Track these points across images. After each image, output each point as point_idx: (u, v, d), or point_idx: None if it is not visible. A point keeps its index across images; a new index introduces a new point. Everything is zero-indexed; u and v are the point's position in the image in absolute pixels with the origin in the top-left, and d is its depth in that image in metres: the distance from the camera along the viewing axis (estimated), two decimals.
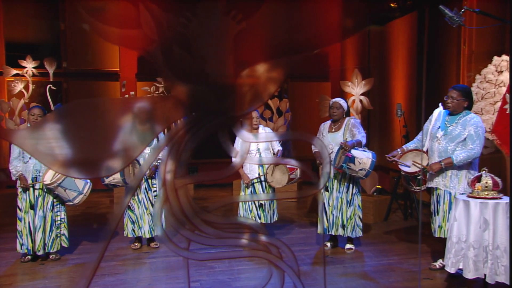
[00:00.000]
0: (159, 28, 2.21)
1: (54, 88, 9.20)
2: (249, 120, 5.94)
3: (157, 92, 9.12)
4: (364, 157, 5.26)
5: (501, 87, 5.85)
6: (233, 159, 4.37)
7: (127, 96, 9.40)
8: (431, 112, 5.18)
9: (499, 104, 5.82)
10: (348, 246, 5.82)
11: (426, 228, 6.92)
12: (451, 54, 7.75)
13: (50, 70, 9.21)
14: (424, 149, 5.06)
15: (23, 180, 5.29)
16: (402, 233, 6.76)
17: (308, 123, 10.30)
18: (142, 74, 9.96)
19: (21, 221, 5.37)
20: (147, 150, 5.90)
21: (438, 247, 5.44)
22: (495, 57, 5.97)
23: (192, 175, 5.50)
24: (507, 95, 4.22)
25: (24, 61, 9.12)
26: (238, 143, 5.56)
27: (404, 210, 7.55)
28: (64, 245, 5.59)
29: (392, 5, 9.34)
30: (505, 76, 5.85)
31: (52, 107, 8.97)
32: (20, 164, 5.33)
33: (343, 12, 2.34)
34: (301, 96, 11.10)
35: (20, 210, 5.39)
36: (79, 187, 5.37)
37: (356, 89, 7.64)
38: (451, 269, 4.35)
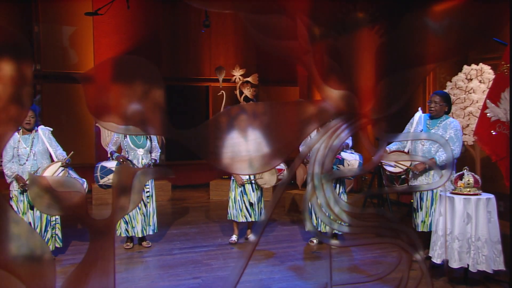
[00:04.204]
0: (313, 40, 2.48)
1: None
2: None
3: None
4: (352, 159, 5.63)
5: (470, 93, 6.39)
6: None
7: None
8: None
9: (469, 109, 6.36)
10: (333, 242, 6.16)
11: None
12: None
13: None
14: (406, 150, 5.47)
15: (21, 180, 5.32)
16: None
17: None
18: None
19: None
20: (141, 152, 6.07)
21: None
22: (465, 66, 6.50)
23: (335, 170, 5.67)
24: (488, 101, 4.69)
25: None
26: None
27: (377, 208, 8.01)
28: (58, 245, 5.66)
29: (360, 15, 9.80)
30: (474, 83, 6.39)
31: None
32: (15, 166, 5.36)
33: (311, 19, 2.69)
34: (271, 100, 11.44)
35: (16, 212, 5.41)
36: None
37: None
38: (437, 260, 4.77)
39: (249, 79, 10.09)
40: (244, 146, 2.53)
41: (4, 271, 2.36)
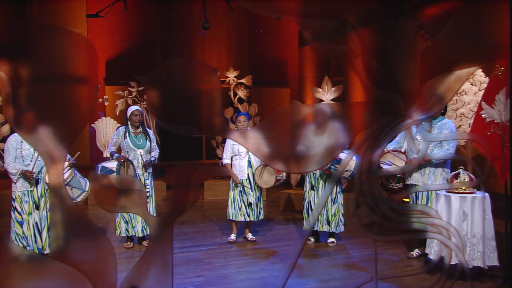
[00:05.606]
0: (363, 45, 2.61)
1: None
2: (237, 123, 6.33)
3: (130, 96, 9.26)
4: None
5: (462, 95, 6.58)
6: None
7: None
8: None
9: (461, 110, 6.55)
10: (330, 240, 6.31)
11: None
12: None
13: None
14: (403, 150, 5.63)
15: (27, 172, 5.32)
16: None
17: None
18: (110, 79, 10.05)
19: (21, 224, 5.41)
20: (141, 153, 6.14)
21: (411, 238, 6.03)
22: None
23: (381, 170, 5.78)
24: (483, 103, 4.87)
25: None
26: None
27: (369, 206, 8.16)
28: None
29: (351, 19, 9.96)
30: (466, 85, 6.58)
31: None
32: (19, 166, 5.38)
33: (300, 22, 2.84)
34: (262, 101, 11.58)
35: (20, 213, 5.41)
36: (82, 185, 5.51)
37: (326, 95, 8.17)
38: (434, 257, 4.93)
39: (243, 80, 10.21)
40: (283, 146, 2.64)
41: (72, 268, 2.45)
